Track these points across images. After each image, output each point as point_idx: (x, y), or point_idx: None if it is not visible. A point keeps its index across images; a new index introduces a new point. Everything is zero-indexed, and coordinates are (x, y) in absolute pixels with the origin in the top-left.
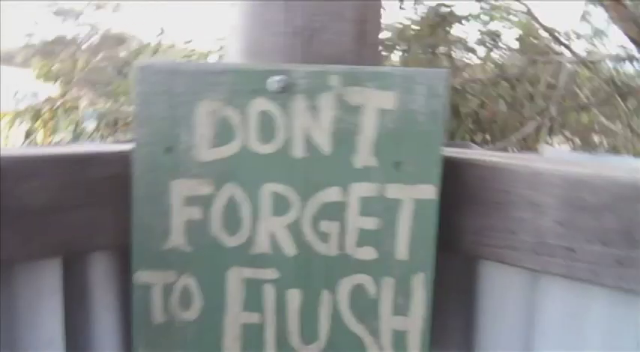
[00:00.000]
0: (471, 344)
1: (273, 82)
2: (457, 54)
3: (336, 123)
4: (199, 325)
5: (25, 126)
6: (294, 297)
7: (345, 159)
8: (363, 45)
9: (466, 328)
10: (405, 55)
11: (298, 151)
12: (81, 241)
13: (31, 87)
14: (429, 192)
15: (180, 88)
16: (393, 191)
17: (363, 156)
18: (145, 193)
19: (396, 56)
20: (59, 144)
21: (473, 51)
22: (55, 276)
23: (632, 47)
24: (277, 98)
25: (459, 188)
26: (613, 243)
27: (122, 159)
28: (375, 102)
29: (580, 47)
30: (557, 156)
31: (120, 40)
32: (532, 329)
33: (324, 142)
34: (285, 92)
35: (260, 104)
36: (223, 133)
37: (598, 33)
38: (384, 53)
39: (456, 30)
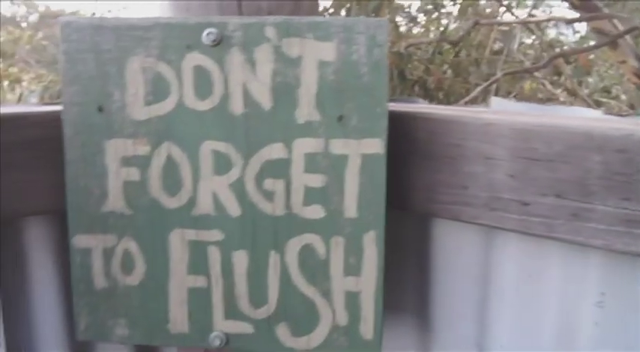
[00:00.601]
0: (427, 304)
1: (206, 34)
2: (400, 22)
3: (275, 76)
4: (143, 290)
5: None
6: (241, 259)
7: (286, 114)
8: None
9: (421, 288)
10: None
11: (237, 107)
12: (13, 206)
13: None
14: (376, 146)
15: (107, 45)
16: (339, 146)
17: (306, 111)
18: (79, 155)
19: None
20: None
21: (415, 20)
22: None
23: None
24: (212, 52)
25: (408, 143)
26: (567, 194)
27: (55, 120)
28: (315, 54)
29: (524, 14)
30: (506, 108)
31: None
32: (488, 288)
33: (263, 97)
34: (220, 45)
35: (194, 59)
36: (157, 90)
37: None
38: None
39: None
